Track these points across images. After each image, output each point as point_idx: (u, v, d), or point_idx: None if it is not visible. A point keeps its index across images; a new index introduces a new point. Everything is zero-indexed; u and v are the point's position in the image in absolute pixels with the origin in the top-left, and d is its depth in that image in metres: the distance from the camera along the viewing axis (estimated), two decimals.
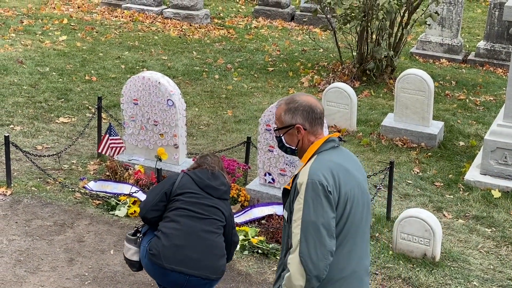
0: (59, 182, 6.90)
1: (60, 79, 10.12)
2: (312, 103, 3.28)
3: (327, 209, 3.07)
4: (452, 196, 7.26)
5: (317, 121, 3.27)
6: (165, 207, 4.64)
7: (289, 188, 3.29)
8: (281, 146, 3.35)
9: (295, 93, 3.43)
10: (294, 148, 3.32)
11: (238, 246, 5.91)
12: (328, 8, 10.55)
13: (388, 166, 6.57)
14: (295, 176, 3.24)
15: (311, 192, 3.08)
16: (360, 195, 3.23)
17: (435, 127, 8.63)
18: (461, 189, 7.42)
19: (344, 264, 3.20)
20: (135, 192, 6.51)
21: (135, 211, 6.36)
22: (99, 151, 7.26)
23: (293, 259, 3.10)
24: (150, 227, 4.72)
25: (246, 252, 5.88)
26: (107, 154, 7.17)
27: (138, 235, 4.70)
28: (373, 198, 6.45)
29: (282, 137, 3.32)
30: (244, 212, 6.44)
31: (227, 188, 4.80)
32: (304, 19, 14.74)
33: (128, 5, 14.82)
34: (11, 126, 8.32)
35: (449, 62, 12.55)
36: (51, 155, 7.36)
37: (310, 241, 3.05)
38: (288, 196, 3.29)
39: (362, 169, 3.39)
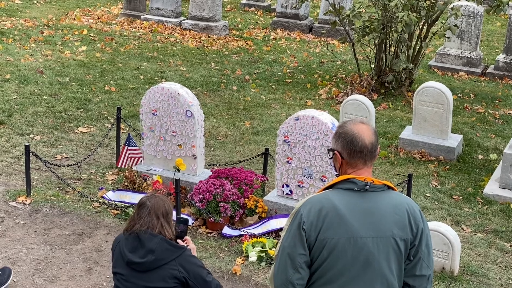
0: (78, 192, 6.95)
1: (80, 89, 10.20)
2: (356, 134, 3.09)
3: (297, 243, 3.04)
4: (471, 210, 7.22)
5: (357, 155, 3.08)
6: None
7: None
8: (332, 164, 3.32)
9: (354, 118, 3.33)
10: (336, 172, 3.24)
11: (255, 258, 5.92)
12: (347, 20, 10.56)
13: (406, 179, 6.55)
14: None
15: (293, 220, 3.09)
16: (353, 249, 3.02)
17: (454, 140, 8.58)
18: (480, 202, 7.37)
19: None
20: None
21: None
22: (118, 165, 7.31)
23: (271, 269, 3.17)
24: None
25: (263, 264, 5.87)
26: (125, 166, 7.22)
27: None
28: None
29: (331, 158, 3.24)
30: (261, 224, 6.44)
31: (158, 255, 3.68)
32: (322, 31, 14.76)
33: (147, 16, 14.93)
34: (31, 135, 8.39)
35: (468, 75, 12.49)
36: (70, 165, 7.41)
37: (278, 263, 3.10)
38: None
39: (391, 228, 3.05)
